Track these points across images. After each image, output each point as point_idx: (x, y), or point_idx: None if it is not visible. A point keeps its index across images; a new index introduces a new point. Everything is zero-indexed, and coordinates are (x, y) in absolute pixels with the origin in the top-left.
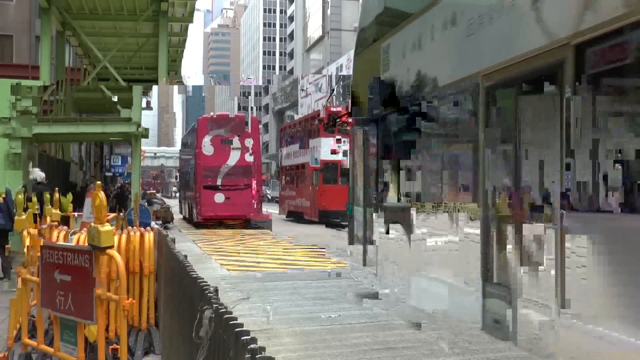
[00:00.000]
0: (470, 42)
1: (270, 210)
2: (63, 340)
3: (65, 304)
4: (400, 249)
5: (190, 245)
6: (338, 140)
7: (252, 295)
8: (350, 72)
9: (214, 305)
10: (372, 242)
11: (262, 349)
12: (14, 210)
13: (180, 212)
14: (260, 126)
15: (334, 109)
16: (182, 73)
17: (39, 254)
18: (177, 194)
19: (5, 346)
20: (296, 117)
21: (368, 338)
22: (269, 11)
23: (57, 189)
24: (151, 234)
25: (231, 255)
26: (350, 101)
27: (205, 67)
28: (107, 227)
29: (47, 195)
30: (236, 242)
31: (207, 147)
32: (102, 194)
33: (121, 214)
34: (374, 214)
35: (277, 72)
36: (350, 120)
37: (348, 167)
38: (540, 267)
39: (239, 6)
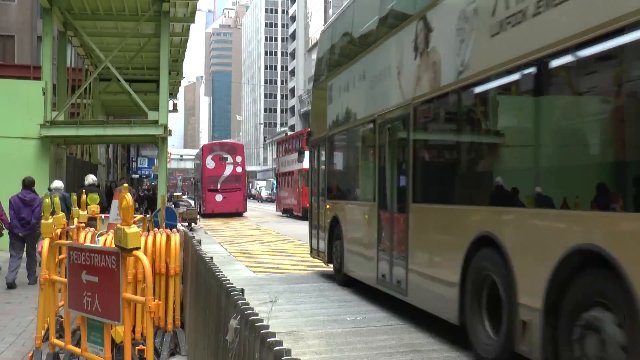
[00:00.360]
0: (371, 93)
1: (270, 208)
2: (90, 341)
3: (92, 305)
4: (338, 233)
5: (216, 247)
6: None
7: (279, 298)
8: None
9: (241, 308)
10: (322, 229)
11: (288, 351)
12: (41, 213)
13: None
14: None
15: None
16: (184, 73)
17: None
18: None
19: (33, 345)
20: None
21: (393, 340)
22: (271, 11)
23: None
24: (177, 236)
25: (256, 257)
26: (310, 124)
27: (207, 67)
28: (134, 228)
29: (74, 197)
30: (262, 245)
31: (209, 163)
32: (128, 196)
33: (147, 215)
34: (323, 209)
35: (279, 73)
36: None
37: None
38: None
39: (240, 6)
